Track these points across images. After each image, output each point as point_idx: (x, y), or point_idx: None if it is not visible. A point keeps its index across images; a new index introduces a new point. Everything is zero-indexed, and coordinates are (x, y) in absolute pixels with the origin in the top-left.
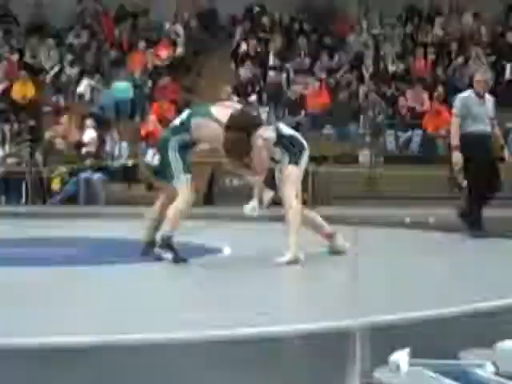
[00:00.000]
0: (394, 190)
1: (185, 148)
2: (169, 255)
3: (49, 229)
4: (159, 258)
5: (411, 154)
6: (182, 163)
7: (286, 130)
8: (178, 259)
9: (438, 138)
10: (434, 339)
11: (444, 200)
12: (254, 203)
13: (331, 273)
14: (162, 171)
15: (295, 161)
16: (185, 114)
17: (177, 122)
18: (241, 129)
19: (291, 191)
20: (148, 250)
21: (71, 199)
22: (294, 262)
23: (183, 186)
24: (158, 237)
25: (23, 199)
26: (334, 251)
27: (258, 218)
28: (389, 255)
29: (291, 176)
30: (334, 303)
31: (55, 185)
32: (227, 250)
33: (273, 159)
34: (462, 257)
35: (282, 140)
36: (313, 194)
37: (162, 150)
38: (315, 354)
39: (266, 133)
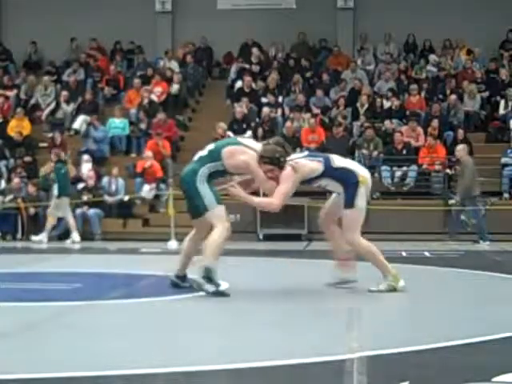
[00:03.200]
0: (390, 224)
1: (212, 178)
2: (209, 288)
3: (47, 263)
4: (190, 289)
5: (406, 189)
6: (213, 195)
7: (339, 162)
8: (219, 293)
9: (432, 173)
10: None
11: (439, 234)
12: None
13: (330, 305)
14: (192, 207)
15: (350, 203)
16: (212, 145)
17: (203, 153)
18: (273, 158)
19: (353, 236)
20: (177, 283)
21: (67, 234)
22: (391, 289)
23: (218, 219)
24: (199, 270)
25: (19, 234)
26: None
27: (254, 253)
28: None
29: (348, 222)
30: (334, 336)
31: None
32: (224, 285)
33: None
34: (462, 292)
35: (333, 172)
36: (308, 229)
37: (190, 183)
38: None
39: (309, 163)
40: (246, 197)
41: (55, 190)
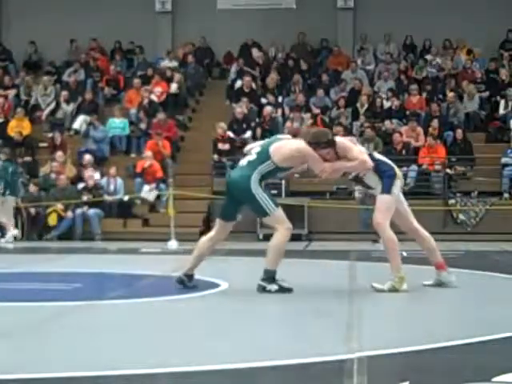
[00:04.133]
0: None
1: (263, 179)
2: (273, 287)
3: (47, 264)
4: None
5: (407, 189)
6: (271, 198)
7: (377, 155)
8: (283, 289)
9: (432, 173)
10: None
11: (439, 234)
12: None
13: (331, 307)
14: (233, 211)
15: (388, 190)
16: (258, 148)
17: (251, 157)
18: (329, 140)
19: (384, 220)
20: (184, 281)
21: (67, 234)
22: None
23: (280, 221)
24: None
25: (19, 235)
26: (439, 283)
27: (254, 253)
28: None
29: (382, 205)
30: (334, 336)
31: (51, 220)
32: (224, 285)
33: (367, 186)
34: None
35: (374, 162)
36: (308, 229)
37: (245, 189)
38: None
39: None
40: (336, 166)
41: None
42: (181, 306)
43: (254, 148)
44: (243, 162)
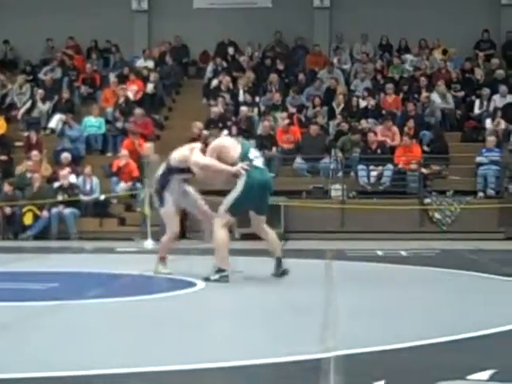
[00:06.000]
0: (366, 223)
1: None
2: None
3: (23, 263)
4: None
5: (382, 189)
6: None
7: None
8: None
9: (408, 173)
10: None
11: (415, 233)
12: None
13: (307, 304)
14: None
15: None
16: (256, 152)
17: (261, 159)
18: None
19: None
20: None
21: (43, 234)
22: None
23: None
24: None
25: None
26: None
27: (231, 252)
28: (362, 288)
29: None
30: (310, 335)
31: (27, 219)
32: (201, 284)
33: None
34: (438, 290)
35: None
36: (285, 228)
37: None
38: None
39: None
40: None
41: None
42: (157, 305)
43: (254, 151)
44: (258, 162)
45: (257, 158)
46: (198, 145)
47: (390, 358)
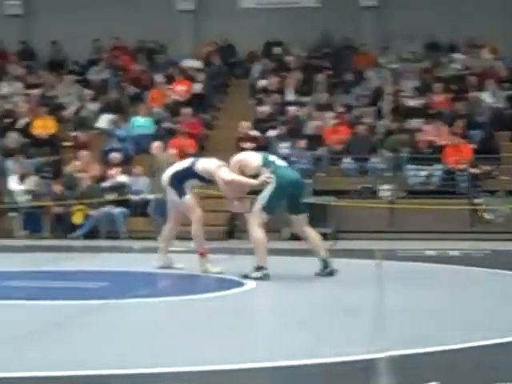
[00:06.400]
0: (415, 223)
1: None
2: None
3: (73, 262)
4: None
5: (432, 188)
6: None
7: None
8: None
9: (458, 172)
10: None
11: (465, 234)
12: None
13: (357, 304)
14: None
15: None
16: (274, 156)
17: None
18: None
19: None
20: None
21: (92, 233)
22: None
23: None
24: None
25: (45, 233)
26: None
27: (279, 252)
28: (412, 288)
29: None
30: (361, 335)
31: (76, 219)
32: (251, 284)
33: None
34: (488, 291)
35: None
36: (334, 228)
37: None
38: None
39: None
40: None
41: None
42: (204, 305)
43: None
44: (282, 162)
45: (278, 159)
46: (223, 163)
47: (441, 358)
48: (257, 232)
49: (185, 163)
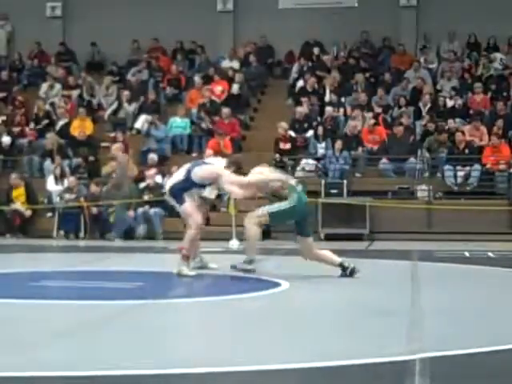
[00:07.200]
0: (453, 224)
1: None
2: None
3: (109, 262)
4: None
5: (470, 189)
6: None
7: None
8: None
9: (497, 173)
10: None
11: (503, 235)
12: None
13: (394, 307)
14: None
15: None
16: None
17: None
18: None
19: None
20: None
21: (129, 234)
22: None
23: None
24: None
25: (82, 233)
26: None
27: None
28: (450, 289)
29: None
30: (396, 336)
31: (113, 219)
32: (285, 285)
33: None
34: None
35: None
36: (370, 228)
37: None
38: None
39: None
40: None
41: None
42: (240, 305)
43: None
44: (294, 182)
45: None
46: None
47: (477, 360)
48: (254, 228)
49: (180, 174)
